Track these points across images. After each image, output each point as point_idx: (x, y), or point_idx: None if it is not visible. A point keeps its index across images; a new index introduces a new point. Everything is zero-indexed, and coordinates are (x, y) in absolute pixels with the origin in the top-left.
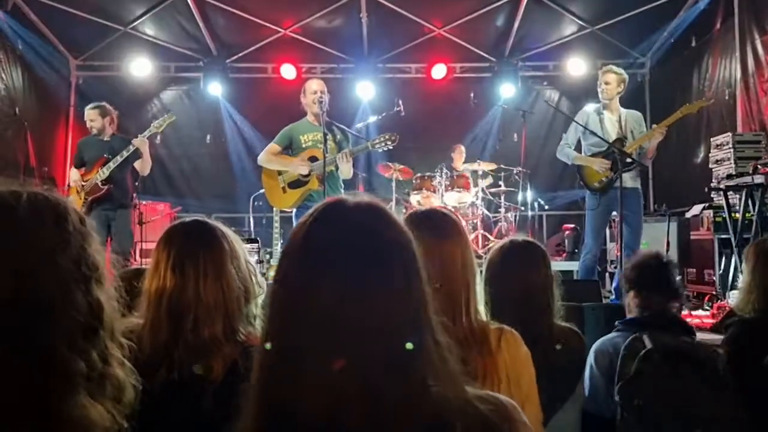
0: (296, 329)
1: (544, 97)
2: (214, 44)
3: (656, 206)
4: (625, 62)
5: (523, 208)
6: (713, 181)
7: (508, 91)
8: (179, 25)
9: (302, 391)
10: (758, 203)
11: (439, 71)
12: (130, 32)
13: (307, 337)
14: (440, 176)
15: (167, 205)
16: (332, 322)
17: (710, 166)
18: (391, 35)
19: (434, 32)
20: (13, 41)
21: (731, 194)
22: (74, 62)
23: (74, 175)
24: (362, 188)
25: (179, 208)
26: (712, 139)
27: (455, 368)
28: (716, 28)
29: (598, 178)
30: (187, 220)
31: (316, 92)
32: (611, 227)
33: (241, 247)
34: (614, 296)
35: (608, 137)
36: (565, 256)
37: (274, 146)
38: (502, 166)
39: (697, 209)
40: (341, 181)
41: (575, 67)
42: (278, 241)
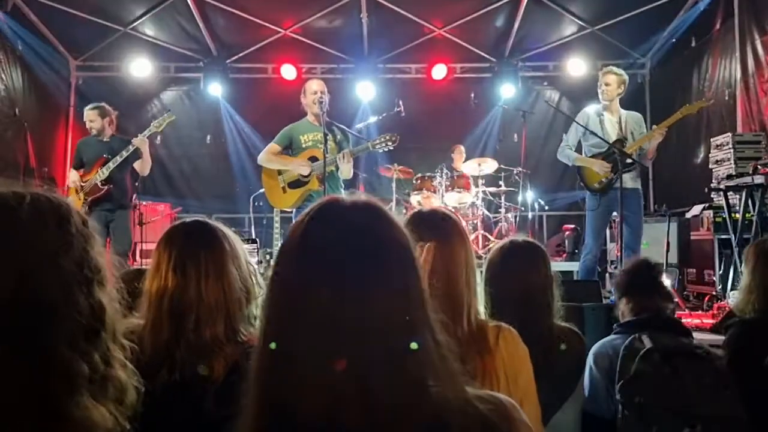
0: (294, 329)
1: (544, 97)
2: (214, 44)
3: (656, 207)
4: (625, 63)
5: (523, 208)
6: (713, 181)
7: (508, 91)
8: (179, 25)
9: (301, 391)
10: (758, 203)
11: (439, 71)
12: (130, 33)
13: (305, 337)
14: (440, 177)
15: (167, 205)
16: (331, 321)
17: (710, 166)
18: (391, 35)
19: (434, 32)
20: (13, 42)
21: (731, 194)
22: (74, 63)
23: (73, 176)
24: (362, 188)
25: (179, 208)
26: (712, 139)
27: (455, 368)
28: (716, 28)
29: (598, 179)
30: (187, 220)
31: (316, 92)
32: (611, 228)
33: (241, 247)
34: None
35: (608, 138)
36: (565, 256)
37: (274, 146)
38: (502, 166)
39: (697, 209)
40: (341, 181)
41: (575, 67)
42: (278, 241)
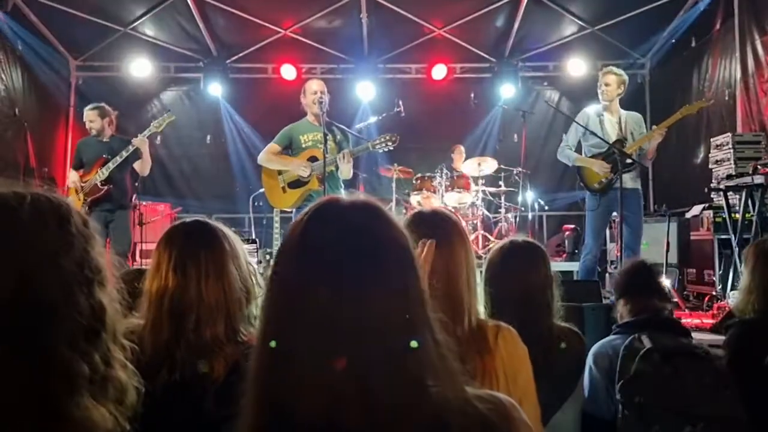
0: (293, 329)
1: (544, 97)
2: (214, 45)
3: (656, 207)
4: (625, 63)
5: (523, 208)
6: (713, 181)
7: (508, 91)
8: (179, 25)
9: (301, 390)
10: (758, 203)
11: (439, 72)
12: (130, 33)
13: (304, 336)
14: (440, 177)
15: (167, 205)
16: (329, 321)
17: (710, 166)
18: (391, 35)
19: (434, 33)
20: (12, 42)
21: (731, 195)
22: (74, 63)
23: (73, 176)
24: (362, 188)
25: (179, 208)
26: (712, 139)
27: (454, 367)
28: (716, 28)
29: (598, 179)
30: (188, 220)
31: (316, 92)
32: (611, 228)
33: (241, 247)
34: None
35: (608, 139)
36: (565, 256)
37: (274, 146)
38: (502, 166)
39: (697, 210)
40: (341, 181)
41: (575, 67)
42: (278, 241)
